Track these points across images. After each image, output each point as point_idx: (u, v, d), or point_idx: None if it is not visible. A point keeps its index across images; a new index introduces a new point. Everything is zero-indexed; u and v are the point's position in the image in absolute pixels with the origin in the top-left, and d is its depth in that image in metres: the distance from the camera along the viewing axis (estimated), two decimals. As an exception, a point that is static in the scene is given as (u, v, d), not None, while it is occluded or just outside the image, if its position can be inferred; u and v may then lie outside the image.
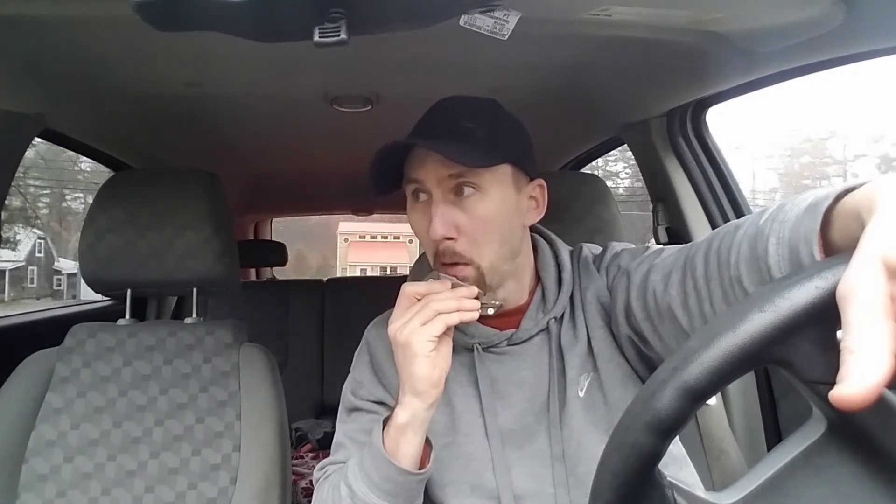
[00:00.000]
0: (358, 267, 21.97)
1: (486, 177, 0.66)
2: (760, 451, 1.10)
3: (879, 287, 0.27)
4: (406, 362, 0.61)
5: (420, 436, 0.63)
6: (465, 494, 0.69)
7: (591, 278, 0.74)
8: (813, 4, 0.69)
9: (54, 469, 0.89)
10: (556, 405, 0.69)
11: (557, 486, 0.67)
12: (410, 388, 0.61)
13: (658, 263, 0.63)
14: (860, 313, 0.27)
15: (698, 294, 0.54)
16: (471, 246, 0.66)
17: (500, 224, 0.67)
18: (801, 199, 0.41)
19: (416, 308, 0.61)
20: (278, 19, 0.55)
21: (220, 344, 1.00)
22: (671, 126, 1.24)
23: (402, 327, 0.61)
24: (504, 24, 0.69)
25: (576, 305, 0.74)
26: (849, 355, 0.26)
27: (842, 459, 0.30)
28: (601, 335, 0.71)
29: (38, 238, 17.03)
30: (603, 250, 0.78)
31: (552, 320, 0.72)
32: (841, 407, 0.26)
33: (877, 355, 0.26)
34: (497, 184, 0.67)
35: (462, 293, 0.62)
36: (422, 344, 0.60)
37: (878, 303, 0.26)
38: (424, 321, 0.60)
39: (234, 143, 1.64)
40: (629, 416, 0.33)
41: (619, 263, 0.72)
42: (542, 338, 0.73)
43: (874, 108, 33.16)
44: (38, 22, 0.79)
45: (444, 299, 0.61)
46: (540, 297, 0.75)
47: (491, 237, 0.67)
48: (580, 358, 0.70)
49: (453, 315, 0.60)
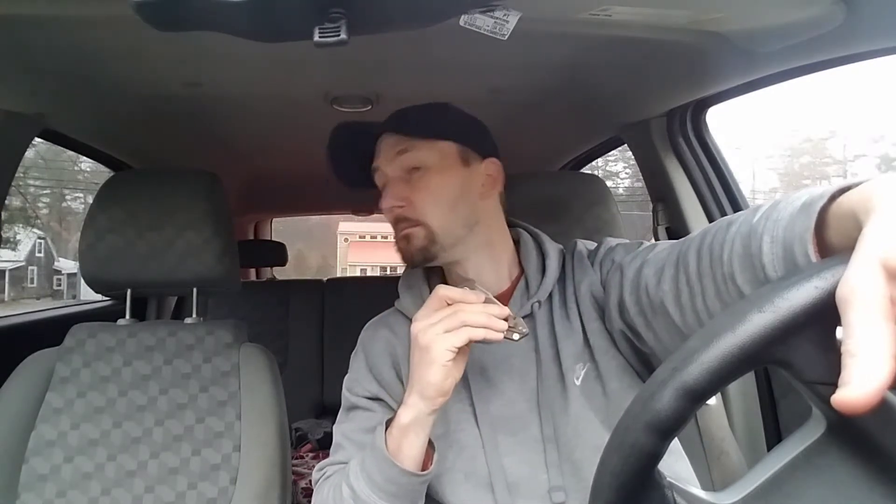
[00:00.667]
0: (358, 267, 21.96)
1: (431, 154, 0.73)
2: (760, 451, 1.10)
3: (879, 289, 0.27)
4: (421, 365, 0.61)
5: (423, 437, 0.63)
6: (460, 482, 0.69)
7: (586, 272, 0.75)
8: (813, 4, 0.69)
9: (54, 469, 0.89)
10: (551, 391, 0.70)
11: (550, 469, 0.68)
12: (419, 391, 0.61)
13: (651, 258, 0.64)
14: (861, 316, 0.27)
15: (691, 290, 0.54)
16: (419, 210, 0.72)
17: (447, 193, 0.73)
18: (796, 197, 0.41)
19: (443, 313, 0.60)
20: (278, 19, 0.55)
21: (220, 344, 1.00)
22: (671, 126, 1.24)
23: (425, 329, 0.60)
24: (504, 24, 0.69)
25: (568, 297, 0.74)
26: (850, 359, 0.26)
27: (842, 459, 0.30)
28: (596, 328, 0.71)
29: (38, 238, 17.02)
30: (597, 245, 0.78)
31: (536, 304, 0.73)
32: (844, 411, 0.26)
33: (878, 358, 0.26)
34: (442, 159, 0.74)
35: (493, 311, 0.60)
36: (441, 352, 0.59)
37: (879, 305, 0.26)
38: (449, 329, 0.59)
39: (234, 143, 1.64)
40: (629, 417, 0.33)
41: (612, 258, 0.73)
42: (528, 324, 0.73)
43: (874, 108, 33.18)
44: (38, 22, 0.79)
45: (475, 312, 0.60)
46: (524, 285, 0.76)
47: (440, 202, 0.72)
48: (576, 347, 0.71)
49: (479, 330, 0.59)
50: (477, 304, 0.61)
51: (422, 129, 0.74)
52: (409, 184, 0.73)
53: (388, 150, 0.74)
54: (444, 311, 0.61)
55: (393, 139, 0.75)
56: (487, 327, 0.59)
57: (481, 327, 0.59)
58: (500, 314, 0.60)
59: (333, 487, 0.68)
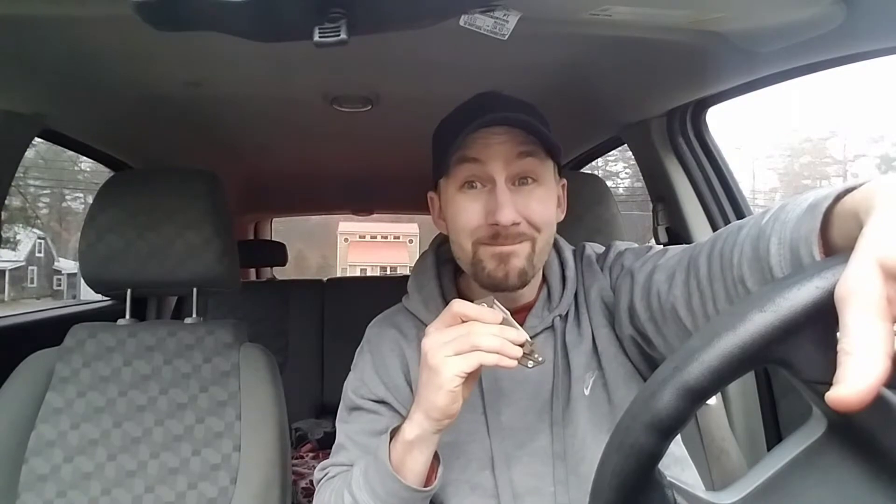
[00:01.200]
0: (358, 267, 21.98)
1: (543, 167, 0.67)
2: (760, 451, 1.10)
3: (876, 289, 0.27)
4: (429, 387, 0.57)
5: (427, 454, 0.61)
6: (465, 494, 0.69)
7: (595, 277, 0.74)
8: (813, 4, 0.69)
9: (54, 469, 0.89)
10: (562, 403, 0.69)
11: (557, 484, 0.67)
12: (424, 410, 0.59)
13: (662, 264, 0.63)
14: (857, 315, 0.27)
15: (702, 294, 0.54)
16: (533, 229, 0.66)
17: (549, 214, 0.68)
18: (803, 199, 0.41)
19: (455, 332, 0.56)
20: (278, 19, 0.55)
21: (220, 344, 1.00)
22: (671, 126, 1.24)
23: (435, 349, 0.56)
24: (504, 24, 0.69)
25: (580, 304, 0.73)
26: (845, 357, 0.26)
27: (842, 459, 0.30)
28: (605, 334, 0.71)
29: (38, 238, 17.02)
30: (606, 249, 0.77)
31: (557, 318, 0.72)
32: (837, 409, 0.26)
33: (873, 357, 0.26)
34: (549, 176, 0.68)
35: (510, 335, 0.55)
36: (449, 377, 0.55)
37: (875, 305, 0.26)
38: (459, 351, 0.55)
39: (234, 143, 1.64)
40: (629, 416, 0.33)
41: (622, 263, 0.72)
42: (547, 335, 0.72)
43: (874, 108, 33.17)
44: (38, 22, 0.79)
45: (489, 335, 0.55)
46: (545, 295, 0.75)
47: (546, 223, 0.67)
48: (585, 356, 0.70)
49: (491, 356, 0.54)
50: (492, 326, 0.56)
51: (544, 136, 0.65)
52: (519, 195, 0.65)
53: (511, 148, 0.65)
54: (457, 329, 0.56)
55: (520, 136, 0.65)
56: (501, 353, 0.55)
57: (494, 352, 0.55)
58: (516, 339, 0.55)
59: (335, 493, 0.67)
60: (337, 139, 1.59)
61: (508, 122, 0.64)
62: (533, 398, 0.70)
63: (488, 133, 0.64)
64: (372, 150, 1.76)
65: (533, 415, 0.70)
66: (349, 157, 1.82)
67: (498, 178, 0.64)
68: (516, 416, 0.70)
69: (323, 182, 2.20)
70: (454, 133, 0.64)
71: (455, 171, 0.67)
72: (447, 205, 0.70)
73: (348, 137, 1.54)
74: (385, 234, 24.27)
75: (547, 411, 0.70)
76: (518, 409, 0.70)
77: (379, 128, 1.45)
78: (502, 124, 0.65)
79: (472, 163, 0.65)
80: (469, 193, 0.67)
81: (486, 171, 0.65)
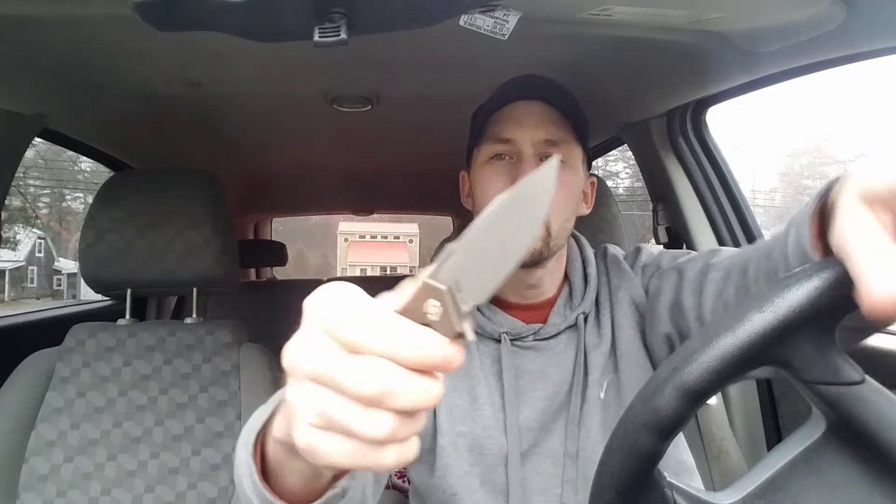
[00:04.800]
0: (358, 267, 21.97)
1: (571, 151, 0.68)
2: (760, 451, 1.10)
3: (868, 217, 0.28)
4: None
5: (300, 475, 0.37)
6: (476, 488, 0.68)
7: (624, 277, 0.73)
8: (813, 4, 0.68)
9: (54, 469, 0.89)
10: (578, 404, 0.69)
11: (565, 484, 0.67)
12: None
13: (716, 262, 0.63)
14: (861, 242, 0.27)
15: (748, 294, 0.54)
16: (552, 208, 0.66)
17: (572, 200, 0.69)
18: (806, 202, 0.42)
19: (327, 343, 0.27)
20: (278, 19, 0.56)
21: (220, 344, 1.00)
22: (671, 126, 1.24)
23: (295, 399, 0.28)
24: (504, 24, 0.69)
25: (602, 304, 0.73)
26: (867, 269, 0.27)
27: (842, 459, 0.30)
28: (628, 335, 0.70)
29: (38, 238, 17.01)
30: (635, 251, 0.78)
31: (580, 316, 0.72)
32: (877, 312, 0.26)
33: (892, 264, 0.26)
34: (576, 162, 0.70)
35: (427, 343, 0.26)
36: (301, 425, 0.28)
37: (874, 227, 0.28)
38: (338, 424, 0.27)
39: (235, 143, 1.64)
40: (629, 417, 0.33)
41: (658, 263, 0.72)
42: (570, 336, 0.72)
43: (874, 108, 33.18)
44: (38, 22, 0.79)
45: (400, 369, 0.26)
46: (567, 293, 0.74)
47: (566, 207, 0.68)
48: (603, 358, 0.70)
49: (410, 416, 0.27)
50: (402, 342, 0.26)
51: (577, 120, 0.68)
52: None
53: (541, 126, 0.67)
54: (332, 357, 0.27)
55: (553, 115, 0.68)
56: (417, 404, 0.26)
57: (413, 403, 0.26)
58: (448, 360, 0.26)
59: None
60: (337, 139, 1.59)
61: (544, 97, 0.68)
62: (551, 398, 0.70)
63: (525, 108, 0.68)
64: (372, 150, 1.76)
65: (549, 414, 0.70)
66: (349, 157, 1.82)
67: (525, 151, 0.67)
68: (534, 415, 0.70)
69: (323, 182, 2.19)
70: (491, 108, 0.69)
71: (486, 144, 0.70)
72: (475, 177, 0.72)
73: (348, 137, 1.54)
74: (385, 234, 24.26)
75: (563, 411, 0.69)
76: (536, 408, 0.70)
77: (379, 127, 1.45)
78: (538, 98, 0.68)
79: (504, 137, 0.68)
80: (496, 165, 0.69)
81: (517, 144, 0.67)
